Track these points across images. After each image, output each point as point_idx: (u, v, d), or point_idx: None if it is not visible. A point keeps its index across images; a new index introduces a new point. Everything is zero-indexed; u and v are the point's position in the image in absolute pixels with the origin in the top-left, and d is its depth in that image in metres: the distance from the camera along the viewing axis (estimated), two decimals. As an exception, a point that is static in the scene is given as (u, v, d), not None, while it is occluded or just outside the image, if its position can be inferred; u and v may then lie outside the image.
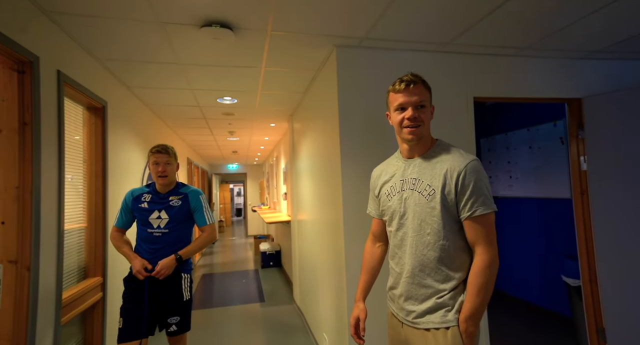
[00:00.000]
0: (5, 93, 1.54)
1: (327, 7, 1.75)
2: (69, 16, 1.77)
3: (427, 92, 1.22)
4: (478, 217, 1.10)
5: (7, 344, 1.49)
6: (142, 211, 2.03)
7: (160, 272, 1.91)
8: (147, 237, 2.01)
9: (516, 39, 2.20)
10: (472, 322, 1.08)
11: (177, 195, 2.09)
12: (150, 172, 2.09)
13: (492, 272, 1.09)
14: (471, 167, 1.12)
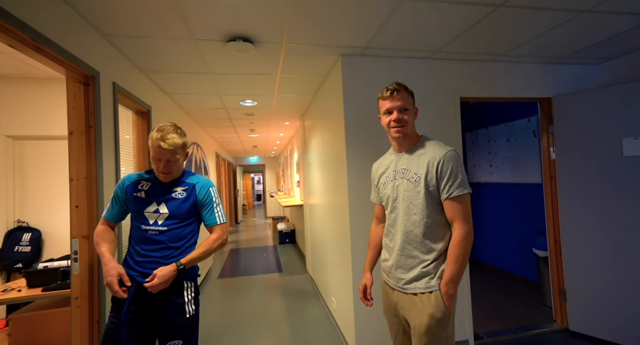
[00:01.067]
0: (75, 102, 1.62)
1: (333, 22, 1.78)
2: (122, 38, 1.85)
3: (410, 97, 1.26)
4: (455, 197, 1.15)
5: (84, 300, 1.62)
6: (138, 201, 1.39)
7: (156, 286, 1.25)
8: (139, 236, 1.37)
9: (494, 47, 2.21)
10: (452, 285, 1.14)
11: (183, 185, 1.45)
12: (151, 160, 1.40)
13: (468, 243, 1.14)
14: (448, 156, 1.18)
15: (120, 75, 2.04)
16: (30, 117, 3.03)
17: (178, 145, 1.36)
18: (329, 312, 2.99)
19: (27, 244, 2.99)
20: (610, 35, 2.09)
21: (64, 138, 3.01)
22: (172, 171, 1.40)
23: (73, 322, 1.59)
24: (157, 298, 1.31)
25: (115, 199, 1.45)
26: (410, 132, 1.27)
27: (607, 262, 2.26)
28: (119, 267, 1.29)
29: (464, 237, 1.14)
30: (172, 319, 1.32)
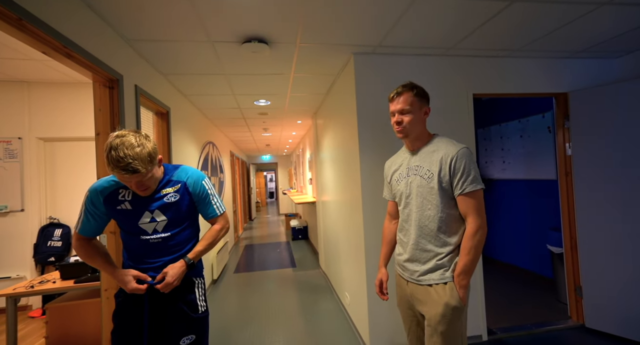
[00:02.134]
0: (101, 104, 1.68)
1: (346, 22, 1.77)
2: (143, 42, 1.89)
3: (414, 98, 1.25)
4: (468, 193, 1.16)
5: (113, 292, 1.67)
6: (125, 215, 1.19)
7: (169, 285, 1.19)
8: (141, 246, 1.22)
9: (509, 43, 2.15)
10: (464, 276, 1.16)
11: (172, 185, 1.25)
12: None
13: (481, 236, 1.15)
14: (461, 153, 1.18)
15: (142, 78, 2.09)
16: (59, 119, 3.15)
17: (145, 163, 1.08)
18: (342, 306, 3.00)
19: (58, 239, 3.12)
20: (631, 27, 2.00)
21: (91, 139, 3.12)
22: (150, 186, 1.17)
23: (103, 312, 1.65)
24: (168, 297, 1.24)
25: (90, 213, 1.19)
26: (417, 131, 1.27)
27: (624, 258, 2.18)
28: (129, 271, 1.19)
29: (476, 230, 1.15)
30: (186, 315, 1.26)
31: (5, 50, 2.35)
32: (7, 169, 3.03)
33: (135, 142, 1.07)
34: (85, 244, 1.21)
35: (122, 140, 1.05)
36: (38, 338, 2.51)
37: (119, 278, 1.17)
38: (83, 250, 1.21)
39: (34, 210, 3.09)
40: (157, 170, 1.19)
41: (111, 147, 1.04)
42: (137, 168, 1.05)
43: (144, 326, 1.21)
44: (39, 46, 1.21)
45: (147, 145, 1.10)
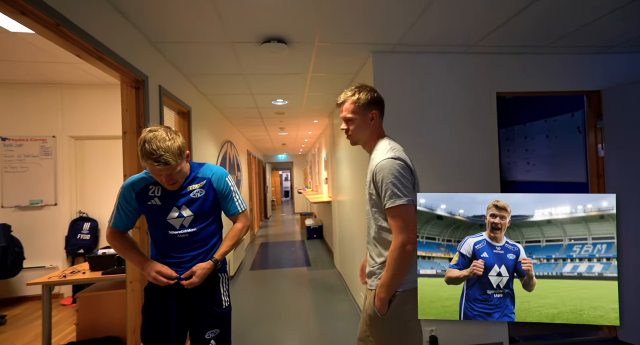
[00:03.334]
0: (128, 104, 1.76)
1: (365, 20, 1.76)
2: (166, 44, 1.96)
3: (354, 105, 1.23)
4: (389, 208, 1.10)
5: (137, 284, 1.75)
6: (155, 210, 1.26)
7: (195, 284, 1.24)
8: (169, 241, 1.27)
9: (536, 38, 2.06)
10: (383, 289, 1.12)
11: (197, 182, 1.31)
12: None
13: (400, 254, 1.09)
14: (380, 167, 1.12)
15: (165, 78, 2.17)
16: (88, 119, 3.33)
17: (175, 155, 1.13)
18: (358, 307, 2.99)
19: (87, 232, 3.29)
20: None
21: (117, 138, 3.27)
22: (178, 180, 1.23)
23: (128, 303, 1.73)
24: (194, 292, 1.28)
25: (122, 209, 1.27)
26: (364, 137, 1.26)
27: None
28: (157, 263, 1.24)
29: (396, 248, 1.09)
30: (211, 310, 1.31)
31: (42, 54, 2.50)
32: (43, 166, 3.23)
33: (167, 136, 1.13)
34: (119, 237, 1.29)
35: (154, 134, 1.12)
36: (69, 325, 2.67)
37: (149, 266, 1.23)
38: (116, 242, 1.28)
39: (66, 204, 3.28)
40: (185, 165, 1.25)
41: (145, 141, 1.11)
42: (168, 160, 1.11)
43: (171, 319, 1.26)
44: (73, 49, 1.29)
45: (177, 139, 1.17)
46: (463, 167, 2.21)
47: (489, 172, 2.23)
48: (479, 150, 2.23)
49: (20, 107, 3.20)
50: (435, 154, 2.20)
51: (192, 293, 1.28)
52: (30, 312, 2.99)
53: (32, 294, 3.18)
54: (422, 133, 2.19)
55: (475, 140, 2.23)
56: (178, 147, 1.15)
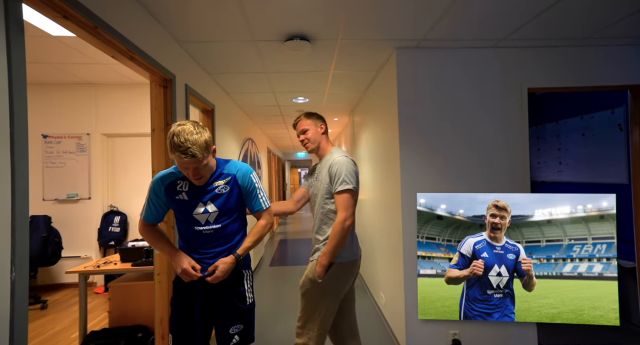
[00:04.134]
0: (157, 103, 1.82)
1: (390, 15, 1.72)
2: (193, 43, 2.01)
3: (309, 121, 1.65)
4: (338, 191, 1.47)
5: (164, 276, 1.83)
6: (182, 205, 1.29)
7: (218, 278, 1.27)
8: (195, 236, 1.31)
9: (573, 30, 1.92)
10: (325, 256, 1.46)
11: (223, 178, 1.32)
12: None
13: (341, 228, 1.43)
14: (337, 161, 1.51)
15: (191, 77, 2.23)
16: (119, 117, 3.49)
17: (202, 149, 1.15)
18: (377, 306, 2.96)
19: (117, 225, 3.47)
20: None
21: (144, 135, 3.42)
22: (204, 175, 1.25)
23: (156, 294, 1.81)
24: (219, 287, 1.30)
25: (152, 203, 1.30)
26: (318, 144, 1.64)
27: None
28: (188, 257, 1.28)
29: (338, 222, 1.44)
30: (235, 306, 1.33)
31: (78, 55, 2.65)
32: (78, 162, 3.43)
33: (194, 130, 1.16)
34: (150, 229, 1.34)
35: (182, 128, 1.16)
36: (102, 312, 2.84)
37: (178, 258, 1.27)
38: (147, 234, 1.33)
39: (98, 198, 3.47)
40: (211, 160, 1.27)
41: (173, 134, 1.15)
42: (195, 153, 1.13)
43: (196, 314, 1.29)
44: (109, 51, 1.35)
45: (204, 133, 1.20)
46: (490, 167, 2.12)
47: (519, 173, 2.13)
48: (508, 150, 2.12)
49: (59, 106, 3.42)
50: (461, 153, 2.12)
51: (217, 288, 1.31)
52: (68, 298, 3.20)
53: (69, 282, 3.41)
54: (447, 132, 2.13)
55: (505, 139, 2.13)
56: (205, 141, 1.18)
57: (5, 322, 0.81)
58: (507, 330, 2.07)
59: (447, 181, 2.11)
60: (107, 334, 2.14)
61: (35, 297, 3.02)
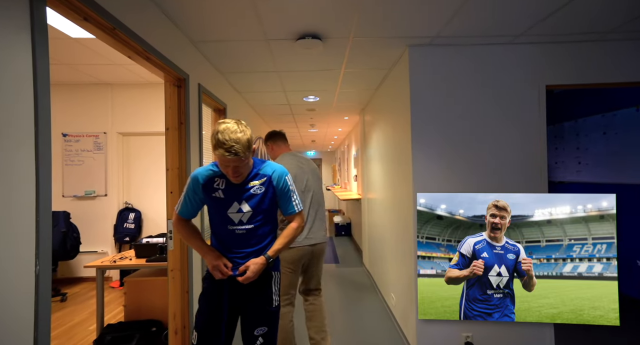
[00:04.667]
0: (171, 102, 1.86)
1: (403, 12, 1.70)
2: (206, 43, 2.04)
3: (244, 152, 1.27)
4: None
5: (177, 272, 1.87)
6: (218, 203, 1.29)
7: (249, 279, 1.27)
8: (226, 235, 1.31)
9: (596, 24, 1.85)
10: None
11: (258, 178, 1.33)
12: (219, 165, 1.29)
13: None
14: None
15: (204, 76, 2.26)
16: (134, 116, 3.58)
17: (245, 148, 1.18)
18: (387, 306, 2.94)
19: (132, 222, 3.57)
20: None
21: (158, 134, 3.49)
22: (243, 173, 1.27)
23: (169, 290, 1.85)
24: (248, 288, 1.30)
25: (189, 198, 1.31)
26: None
27: None
28: (220, 255, 1.29)
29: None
30: (262, 308, 1.33)
31: (95, 56, 2.73)
32: (96, 159, 3.54)
33: (238, 129, 1.19)
34: (184, 224, 1.36)
35: (227, 126, 1.18)
36: (118, 305, 2.93)
37: (213, 255, 1.28)
38: (181, 228, 1.35)
39: (114, 195, 3.58)
40: (250, 159, 1.29)
41: (218, 131, 1.17)
42: (237, 151, 1.15)
43: (224, 312, 1.31)
44: (125, 51, 1.39)
45: (247, 132, 1.22)
46: (507, 167, 2.07)
47: (536, 172, 2.07)
48: (524, 149, 2.07)
49: (77, 105, 3.53)
50: (476, 152, 2.08)
51: (246, 289, 1.31)
52: (86, 291, 3.32)
53: (87, 275, 3.53)
54: (461, 131, 2.09)
55: (521, 138, 2.08)
56: (247, 140, 1.20)
57: (30, 313, 0.85)
58: (521, 331, 2.02)
59: (462, 181, 2.08)
60: (122, 327, 2.21)
61: (55, 290, 3.14)
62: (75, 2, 1.01)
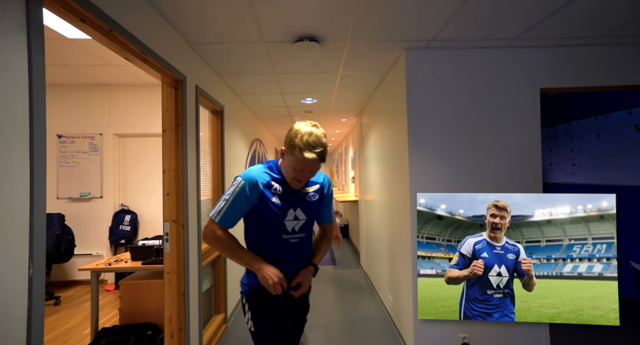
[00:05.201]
0: (168, 103, 1.85)
1: (400, 15, 1.71)
2: (204, 45, 2.04)
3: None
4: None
5: (174, 275, 1.85)
6: (275, 209, 1.16)
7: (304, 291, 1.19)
8: (280, 245, 1.18)
9: (589, 28, 1.88)
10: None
11: (312, 185, 1.25)
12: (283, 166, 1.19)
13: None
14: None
15: (201, 78, 2.26)
16: (130, 117, 3.56)
17: (326, 154, 1.11)
18: (385, 308, 2.94)
19: (127, 224, 3.53)
20: None
21: (155, 135, 3.47)
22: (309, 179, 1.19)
23: (165, 292, 1.83)
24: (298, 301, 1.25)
25: (238, 203, 1.13)
26: None
27: None
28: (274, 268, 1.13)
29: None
30: (304, 318, 1.31)
31: (92, 57, 2.71)
32: (91, 161, 3.51)
33: (322, 134, 1.12)
34: (226, 235, 1.16)
35: (312, 130, 1.10)
36: (113, 309, 2.89)
37: (271, 271, 1.10)
38: (224, 240, 1.15)
39: (110, 197, 3.54)
40: None
41: (306, 133, 1.08)
42: (324, 156, 1.09)
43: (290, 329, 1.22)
44: (122, 53, 1.38)
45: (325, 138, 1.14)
46: (502, 169, 2.09)
47: (531, 174, 2.09)
48: (519, 151, 2.09)
49: (73, 107, 3.50)
50: (472, 154, 2.10)
51: (297, 302, 1.25)
52: (81, 295, 3.27)
53: (81, 279, 3.49)
54: (457, 133, 2.10)
55: (516, 140, 2.10)
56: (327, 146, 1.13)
57: (23, 316, 0.84)
58: (518, 332, 2.03)
59: (458, 182, 2.09)
60: (117, 331, 2.18)
61: (49, 294, 3.09)
62: (72, 3, 1.00)
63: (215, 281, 2.71)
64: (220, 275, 2.72)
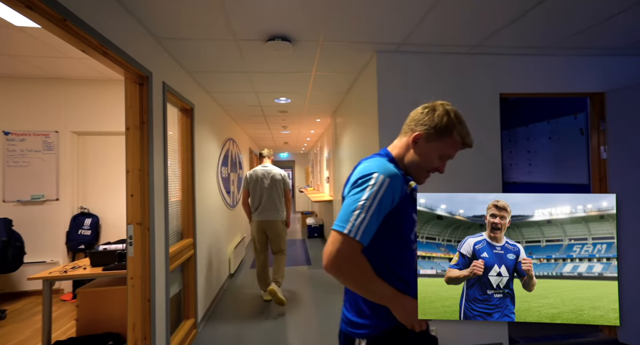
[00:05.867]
0: (132, 101, 1.75)
1: (370, 19, 1.76)
2: (172, 40, 1.96)
3: None
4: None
5: (138, 280, 1.76)
6: (413, 212, 0.94)
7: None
8: (411, 261, 0.94)
9: (541, 40, 2.05)
10: None
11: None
12: (411, 157, 0.98)
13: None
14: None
15: (169, 75, 2.17)
16: (91, 114, 3.32)
17: None
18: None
19: (88, 228, 3.29)
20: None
21: (118, 134, 3.27)
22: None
23: (129, 299, 1.73)
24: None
25: (380, 210, 0.83)
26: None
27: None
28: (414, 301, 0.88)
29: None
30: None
31: (47, 49, 2.50)
32: (45, 160, 3.23)
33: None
34: (364, 259, 0.82)
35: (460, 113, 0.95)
36: (69, 320, 2.68)
37: (412, 310, 0.86)
38: (365, 267, 0.82)
39: (67, 199, 3.28)
40: None
41: (454, 111, 0.98)
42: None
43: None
44: (79, 45, 1.28)
45: None
46: (465, 169, 2.21)
47: (492, 174, 2.23)
48: (481, 152, 2.22)
49: (24, 101, 3.20)
50: (438, 154, 2.20)
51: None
52: (31, 307, 3.00)
53: (32, 289, 3.19)
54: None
55: (479, 141, 2.20)
56: None
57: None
58: (480, 326, 2.16)
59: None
60: (74, 343, 2.03)
61: (-7, 307, 2.80)
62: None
63: (185, 285, 2.61)
64: (190, 279, 2.62)
